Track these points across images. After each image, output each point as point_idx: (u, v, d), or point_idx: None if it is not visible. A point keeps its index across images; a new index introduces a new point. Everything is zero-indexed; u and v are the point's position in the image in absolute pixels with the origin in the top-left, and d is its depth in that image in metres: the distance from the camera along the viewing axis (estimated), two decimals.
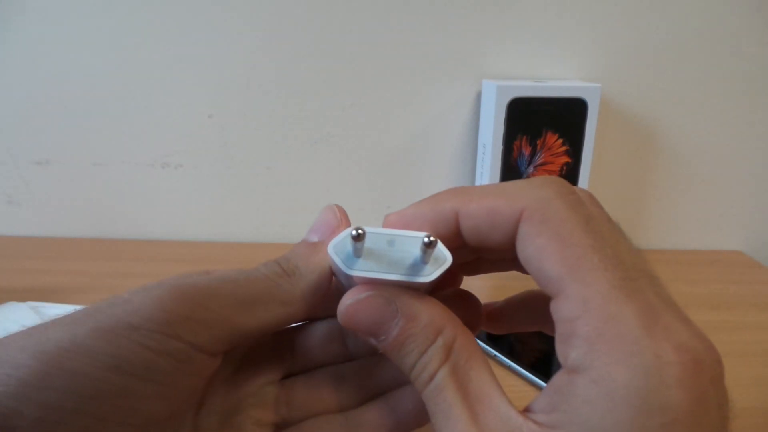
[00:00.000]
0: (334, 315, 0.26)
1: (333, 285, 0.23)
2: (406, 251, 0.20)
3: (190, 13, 0.56)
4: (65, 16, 0.56)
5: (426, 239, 0.18)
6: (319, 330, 0.26)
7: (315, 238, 0.24)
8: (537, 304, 0.25)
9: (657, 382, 0.16)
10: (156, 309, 0.19)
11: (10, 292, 0.47)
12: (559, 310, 0.18)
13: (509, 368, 0.40)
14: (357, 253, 0.20)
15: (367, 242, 0.19)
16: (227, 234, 0.65)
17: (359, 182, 0.63)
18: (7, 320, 0.41)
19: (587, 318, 0.17)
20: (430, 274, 0.19)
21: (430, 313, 0.20)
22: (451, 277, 0.24)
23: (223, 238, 0.65)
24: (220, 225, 0.64)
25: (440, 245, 0.20)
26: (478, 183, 0.60)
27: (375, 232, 0.20)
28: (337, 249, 0.20)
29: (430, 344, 0.19)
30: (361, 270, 0.20)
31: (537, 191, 0.19)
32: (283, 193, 0.63)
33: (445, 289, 0.25)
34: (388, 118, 0.60)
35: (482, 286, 0.50)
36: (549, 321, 0.18)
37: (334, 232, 0.23)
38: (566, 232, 0.18)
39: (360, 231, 0.18)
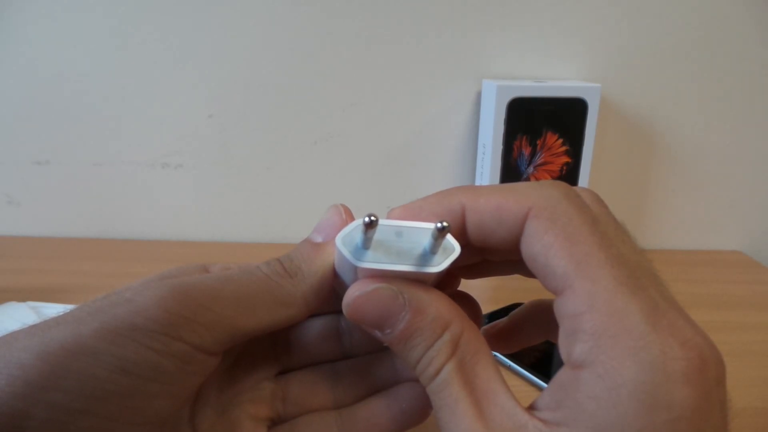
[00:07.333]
0: (331, 312, 0.26)
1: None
2: (414, 242, 0.20)
3: (190, 13, 0.56)
4: (65, 16, 0.56)
5: (440, 224, 0.18)
6: (316, 327, 0.26)
7: (319, 239, 0.23)
8: (541, 313, 0.25)
9: (663, 378, 0.16)
10: (159, 310, 0.19)
11: (10, 292, 0.47)
12: (564, 305, 0.18)
13: (509, 368, 0.40)
14: (366, 245, 0.19)
15: (375, 234, 0.19)
16: (227, 234, 0.64)
17: (359, 182, 0.63)
18: (9, 319, 0.41)
19: (593, 313, 0.17)
20: (440, 263, 0.19)
21: (438, 306, 0.20)
22: (449, 279, 0.24)
23: (223, 238, 0.65)
24: (220, 225, 0.64)
25: (448, 235, 0.20)
26: (478, 183, 0.60)
27: (384, 223, 0.20)
28: (345, 241, 0.20)
29: (437, 338, 0.19)
30: (370, 262, 0.19)
31: (545, 191, 0.19)
32: (283, 194, 0.63)
33: (443, 291, 0.25)
34: (388, 118, 0.60)
35: (481, 287, 0.50)
36: (556, 327, 0.18)
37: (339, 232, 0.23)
38: (573, 231, 0.18)
39: (373, 218, 0.18)
